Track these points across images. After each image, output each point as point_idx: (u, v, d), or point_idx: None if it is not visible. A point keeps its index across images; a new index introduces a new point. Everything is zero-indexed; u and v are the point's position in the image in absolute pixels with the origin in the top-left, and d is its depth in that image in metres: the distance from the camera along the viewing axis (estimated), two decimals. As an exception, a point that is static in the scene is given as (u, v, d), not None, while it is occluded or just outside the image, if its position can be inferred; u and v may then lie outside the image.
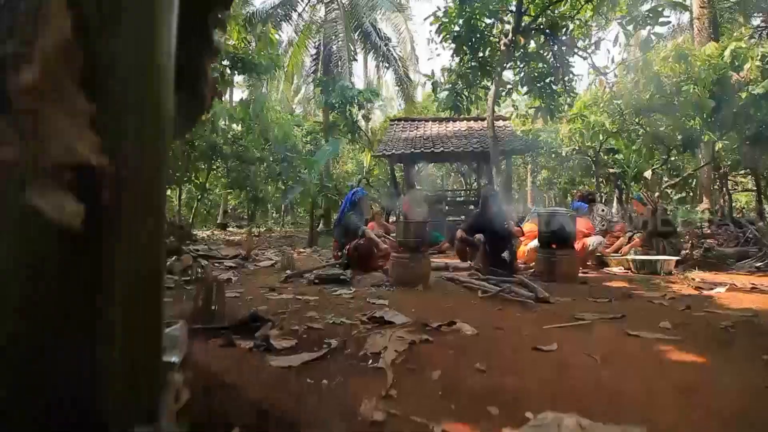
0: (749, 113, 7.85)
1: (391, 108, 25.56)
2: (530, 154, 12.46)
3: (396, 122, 10.92)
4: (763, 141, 8.72)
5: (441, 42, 7.92)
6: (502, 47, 7.08)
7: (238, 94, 21.89)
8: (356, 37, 13.13)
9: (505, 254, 4.11)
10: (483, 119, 10.20)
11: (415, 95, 21.96)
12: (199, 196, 10.47)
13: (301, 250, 7.45)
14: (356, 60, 13.16)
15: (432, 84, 8.94)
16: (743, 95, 7.35)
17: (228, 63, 7.92)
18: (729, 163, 10.97)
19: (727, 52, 7.45)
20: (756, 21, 14.56)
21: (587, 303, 2.59)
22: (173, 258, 3.66)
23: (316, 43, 13.48)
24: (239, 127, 9.39)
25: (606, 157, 12.88)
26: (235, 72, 8.37)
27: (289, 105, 23.10)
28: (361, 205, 4.32)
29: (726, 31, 13.47)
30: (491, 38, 8.01)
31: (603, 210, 7.03)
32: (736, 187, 16.83)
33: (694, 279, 3.27)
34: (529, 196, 16.46)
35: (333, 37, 12.29)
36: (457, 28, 7.90)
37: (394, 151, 8.22)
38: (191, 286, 3.02)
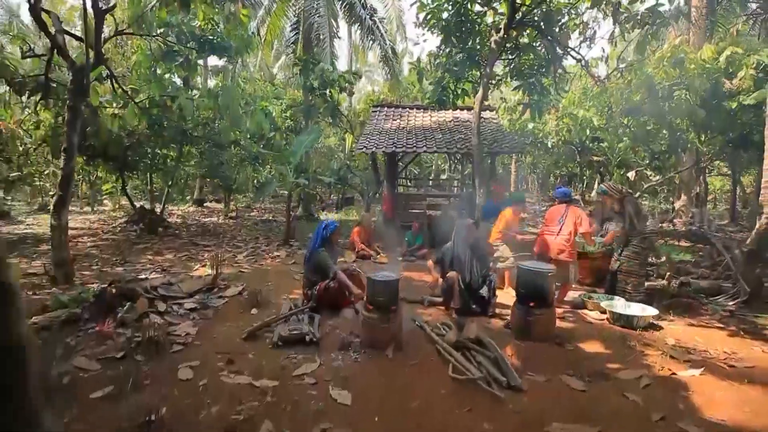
0: (737, 122, 7.72)
1: (377, 76, 24.37)
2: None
3: (379, 108, 10.34)
4: (746, 145, 8.70)
5: (427, 30, 7.33)
6: (493, 45, 6.58)
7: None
8: (339, 8, 12.14)
9: (484, 291, 3.99)
10: (470, 108, 9.78)
11: (402, 68, 20.98)
12: (170, 182, 9.90)
13: (276, 253, 7.18)
14: (339, 37, 12.24)
15: (417, 73, 8.40)
16: (733, 104, 7.16)
17: (194, 45, 7.18)
18: (709, 156, 10.92)
19: (722, 57, 7.15)
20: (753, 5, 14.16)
21: (561, 393, 2.49)
22: (127, 305, 3.38)
23: (297, 11, 12.43)
24: (209, 113, 8.76)
25: (591, 145, 12.73)
26: (203, 55, 7.63)
27: (270, 71, 21.80)
28: (333, 239, 4.06)
29: (722, 18, 13.07)
30: (482, 28, 7.46)
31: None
32: (712, 171, 17.09)
33: (667, 343, 3.22)
34: (512, 181, 16.31)
35: (314, 8, 11.30)
36: (445, 15, 7.31)
37: (375, 147, 7.80)
38: (141, 354, 2.79)
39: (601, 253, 5.00)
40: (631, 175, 9.55)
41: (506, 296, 4.32)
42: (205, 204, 17.43)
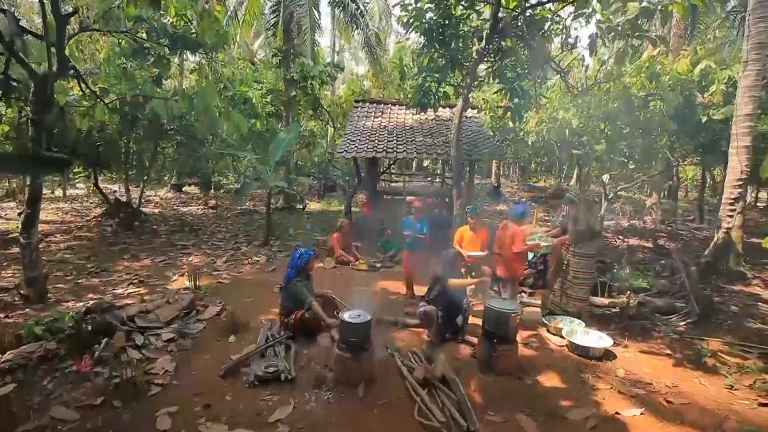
0: (707, 128, 7.99)
1: (362, 54, 23.63)
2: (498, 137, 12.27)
3: (361, 104, 10.16)
4: (714, 150, 9.07)
5: (410, 32, 7.18)
6: (474, 55, 6.53)
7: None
8: (321, -8, 11.65)
9: (459, 320, 4.20)
10: (453, 106, 9.75)
11: (387, 48, 20.43)
12: (146, 177, 9.65)
13: (256, 258, 7.20)
14: (320, 27, 11.75)
15: (399, 72, 8.29)
16: (704, 118, 7.40)
17: (167, 42, 6.86)
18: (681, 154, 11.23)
19: (696, 70, 7.32)
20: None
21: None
22: (104, 340, 3.43)
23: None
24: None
25: (571, 139, 12.95)
26: (176, 52, 7.31)
27: (250, 50, 20.91)
28: (308, 268, 4.15)
29: (702, 16, 13.17)
30: (465, 31, 7.36)
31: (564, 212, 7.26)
32: (684, 162, 17.69)
33: (617, 376, 3.52)
34: (494, 171, 16.45)
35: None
36: (429, 14, 7.16)
37: (355, 152, 7.76)
38: (119, 398, 2.88)
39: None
40: (605, 177, 9.84)
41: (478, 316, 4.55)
42: (183, 189, 17.07)
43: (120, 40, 6.77)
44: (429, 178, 12.82)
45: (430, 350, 3.78)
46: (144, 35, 6.64)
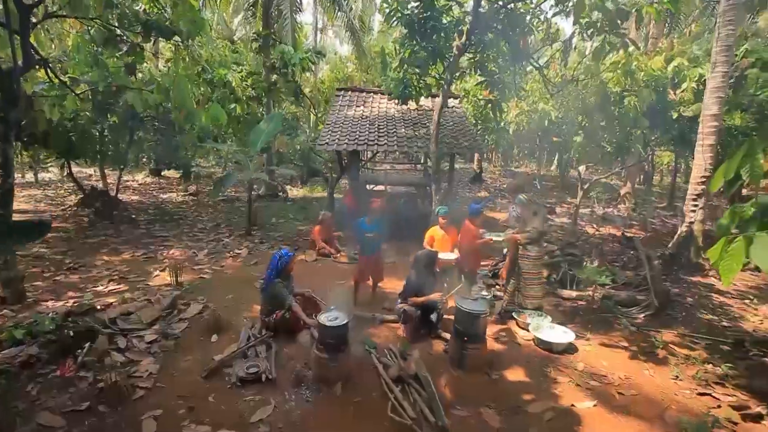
0: (678, 122, 8.29)
1: (345, 41, 23.14)
2: (478, 128, 12.37)
3: (343, 92, 10.06)
4: (684, 143, 9.43)
5: (393, 24, 7.12)
6: (455, 51, 6.55)
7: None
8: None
9: (433, 316, 4.42)
10: (436, 96, 9.77)
11: (371, 27, 19.97)
12: (122, 167, 9.44)
13: (238, 250, 7.25)
14: (301, 11, 11.39)
15: (381, 63, 8.23)
16: (675, 115, 7.67)
17: (140, 30, 6.61)
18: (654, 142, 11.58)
19: (670, 67, 7.53)
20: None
21: (479, 430, 2.97)
22: (86, 346, 3.50)
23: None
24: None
25: (551, 128, 13.19)
26: (150, 41, 7.05)
27: (229, 28, 20.14)
28: (288, 269, 4.25)
29: (682, 15, 13.32)
30: (448, 24, 7.32)
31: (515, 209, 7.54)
32: (661, 149, 18.22)
33: (577, 369, 3.81)
34: (476, 156, 16.60)
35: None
36: (411, 5, 7.09)
37: (336, 145, 7.75)
38: (104, 403, 2.99)
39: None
40: (581, 169, 10.14)
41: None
42: (162, 173, 16.69)
43: (90, 27, 6.50)
44: (414, 163, 12.85)
45: (406, 347, 3.99)
46: (115, 22, 6.39)
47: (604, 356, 4.12)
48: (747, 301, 5.77)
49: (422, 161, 11.44)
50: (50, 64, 6.10)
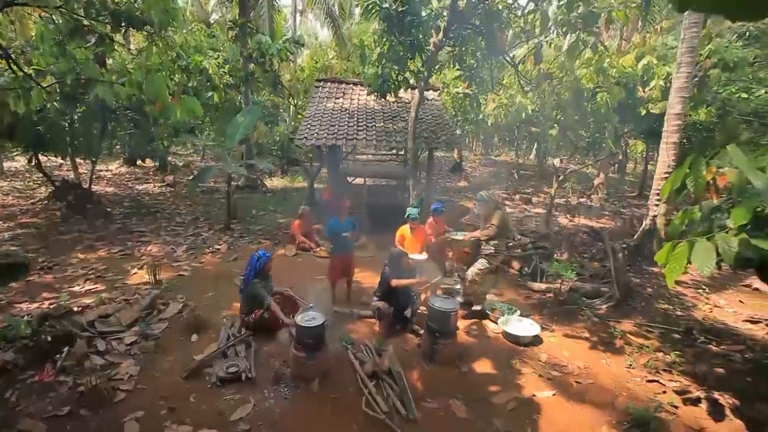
0: (647, 120, 8.61)
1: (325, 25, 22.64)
2: (458, 119, 12.50)
3: (322, 83, 9.97)
4: (653, 136, 9.82)
5: (370, 18, 7.09)
6: (432, 47, 6.59)
7: None
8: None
9: (407, 312, 4.61)
10: (416, 88, 9.81)
11: (353, 14, 19.60)
12: (94, 160, 9.18)
13: (217, 246, 7.26)
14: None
15: (360, 57, 8.19)
16: (643, 112, 7.97)
17: (109, 20, 6.39)
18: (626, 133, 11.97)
19: (640, 65, 7.79)
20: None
21: (446, 422, 3.20)
22: (65, 350, 3.54)
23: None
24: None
25: (528, 121, 13.44)
26: (120, 31, 6.82)
27: (204, 10, 19.39)
28: (267, 269, 4.35)
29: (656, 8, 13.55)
30: (427, 14, 7.33)
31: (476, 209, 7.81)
32: (633, 140, 18.80)
33: (540, 360, 4.09)
34: (456, 152, 16.77)
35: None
36: (391, -2, 7.06)
37: (315, 139, 7.75)
38: (85, 406, 3.07)
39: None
40: (557, 161, 10.43)
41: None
42: (137, 163, 16.22)
43: (55, 17, 6.24)
44: (395, 153, 12.90)
45: (381, 343, 4.18)
46: (81, 11, 6.15)
47: (567, 347, 4.42)
48: (700, 290, 6.19)
49: (403, 152, 11.53)
50: (12, 55, 5.86)
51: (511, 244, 7.49)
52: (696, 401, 3.52)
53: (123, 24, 6.63)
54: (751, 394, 3.56)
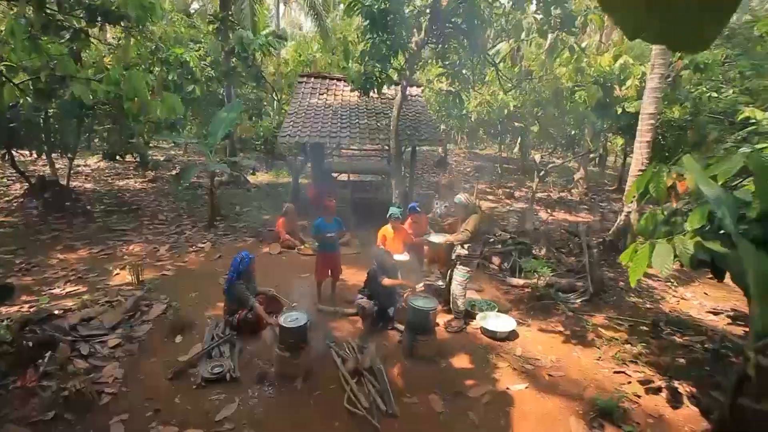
0: (624, 118, 8.88)
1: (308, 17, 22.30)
2: (442, 114, 12.60)
3: (306, 78, 9.91)
4: (630, 132, 10.10)
5: (353, 16, 7.08)
6: (414, 46, 6.64)
7: None
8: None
9: (390, 310, 4.76)
10: (399, 84, 9.86)
11: (338, 7, 19.34)
12: (71, 156, 8.97)
13: (201, 244, 7.24)
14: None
15: (343, 53, 8.19)
16: (619, 111, 8.21)
17: (84, 15, 6.23)
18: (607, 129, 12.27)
19: (617, 65, 8.00)
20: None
21: (424, 416, 3.36)
22: (47, 355, 3.56)
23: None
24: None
25: (513, 112, 13.65)
26: (95, 26, 6.65)
27: (184, 0, 18.82)
28: (250, 270, 4.41)
29: None
30: (410, 10, 7.37)
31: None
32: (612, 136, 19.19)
33: (515, 354, 4.29)
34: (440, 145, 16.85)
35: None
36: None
37: (298, 137, 7.75)
38: (70, 411, 3.11)
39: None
40: (537, 157, 10.67)
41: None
42: (117, 158, 15.84)
43: (27, 11, 6.04)
44: (381, 149, 12.92)
45: (363, 340, 4.31)
46: (55, 6, 5.98)
47: (541, 341, 4.63)
48: (669, 283, 6.51)
49: (387, 147, 11.60)
50: (-18, 52, 5.68)
51: (492, 239, 7.71)
52: (657, 390, 3.77)
53: (99, 19, 6.48)
54: (707, 382, 3.83)
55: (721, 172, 2.86)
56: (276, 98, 12.38)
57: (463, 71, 8.09)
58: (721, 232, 2.90)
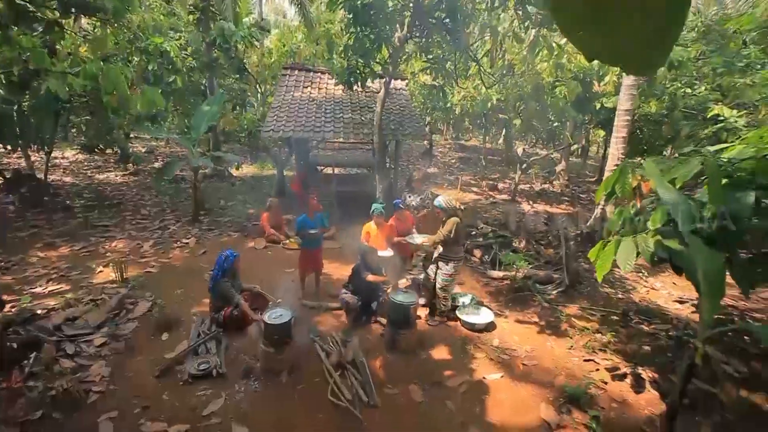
0: (603, 112, 9.11)
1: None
2: (427, 106, 12.66)
3: (290, 71, 9.81)
4: (609, 125, 10.34)
5: (336, 9, 7.05)
6: (396, 42, 6.67)
7: None
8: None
9: (374, 304, 4.90)
10: (383, 77, 9.87)
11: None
12: (48, 150, 8.77)
13: (185, 240, 7.23)
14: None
15: (327, 45, 8.15)
16: (597, 106, 8.42)
17: (58, 6, 6.05)
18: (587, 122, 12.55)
19: (596, 60, 8.17)
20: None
21: (404, 405, 3.54)
22: (32, 356, 3.59)
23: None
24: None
25: (497, 105, 13.80)
26: (70, 17, 6.48)
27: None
28: (235, 267, 4.48)
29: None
30: (393, 4, 7.36)
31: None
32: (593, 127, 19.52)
33: (492, 345, 4.50)
34: (427, 130, 16.93)
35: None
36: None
37: (282, 131, 7.73)
38: (58, 410, 3.18)
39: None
40: (519, 150, 10.87)
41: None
42: (96, 151, 15.45)
43: (-4, 2, 5.84)
44: (366, 141, 12.95)
45: (347, 334, 4.45)
46: (26, -3, 5.80)
47: (517, 332, 4.85)
48: (641, 274, 6.82)
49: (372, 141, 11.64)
50: (-49, 45, 5.49)
51: (473, 233, 7.91)
52: (623, 377, 4.02)
53: (73, 10, 6.31)
54: (668, 368, 4.11)
55: (680, 176, 3.05)
56: (260, 90, 12.24)
57: (447, 65, 8.16)
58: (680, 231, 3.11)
